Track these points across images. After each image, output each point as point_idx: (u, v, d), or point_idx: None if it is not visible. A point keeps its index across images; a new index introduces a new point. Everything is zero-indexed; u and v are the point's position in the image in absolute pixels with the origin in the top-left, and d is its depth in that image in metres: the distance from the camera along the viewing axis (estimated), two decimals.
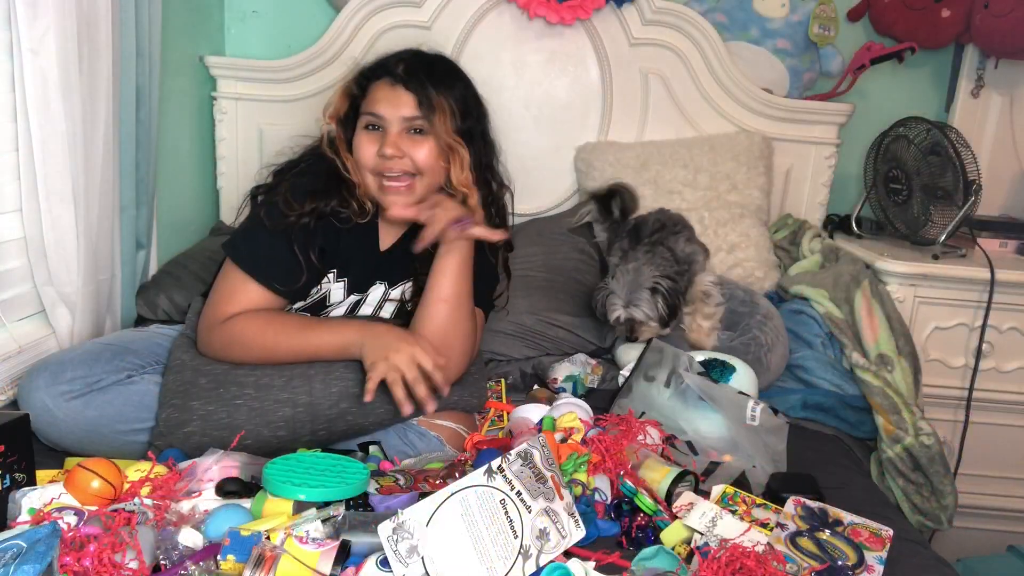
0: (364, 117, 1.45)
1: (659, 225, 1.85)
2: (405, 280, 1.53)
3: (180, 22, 2.05)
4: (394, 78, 1.45)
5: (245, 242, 1.44)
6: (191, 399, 1.31)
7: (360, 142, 1.45)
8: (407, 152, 1.42)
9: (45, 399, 1.28)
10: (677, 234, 1.84)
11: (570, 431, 1.28)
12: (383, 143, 1.41)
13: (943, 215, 2.00)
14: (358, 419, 1.35)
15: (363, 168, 1.44)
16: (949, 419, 2.00)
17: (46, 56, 1.36)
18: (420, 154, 1.42)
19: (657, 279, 1.69)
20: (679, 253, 1.79)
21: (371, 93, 1.46)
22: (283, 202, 1.41)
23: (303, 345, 1.36)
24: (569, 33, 2.20)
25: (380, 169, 1.43)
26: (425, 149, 1.42)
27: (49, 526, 0.89)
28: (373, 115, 1.44)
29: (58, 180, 1.43)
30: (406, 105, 1.42)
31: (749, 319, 1.81)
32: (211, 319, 1.40)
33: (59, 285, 1.50)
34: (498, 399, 1.61)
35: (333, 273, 1.49)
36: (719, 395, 1.44)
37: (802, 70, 2.28)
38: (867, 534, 1.13)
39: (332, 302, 1.51)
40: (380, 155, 1.41)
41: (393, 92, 1.44)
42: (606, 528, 1.15)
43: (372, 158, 1.43)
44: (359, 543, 0.98)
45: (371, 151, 1.43)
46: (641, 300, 1.68)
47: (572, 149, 2.27)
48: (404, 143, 1.42)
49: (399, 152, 1.41)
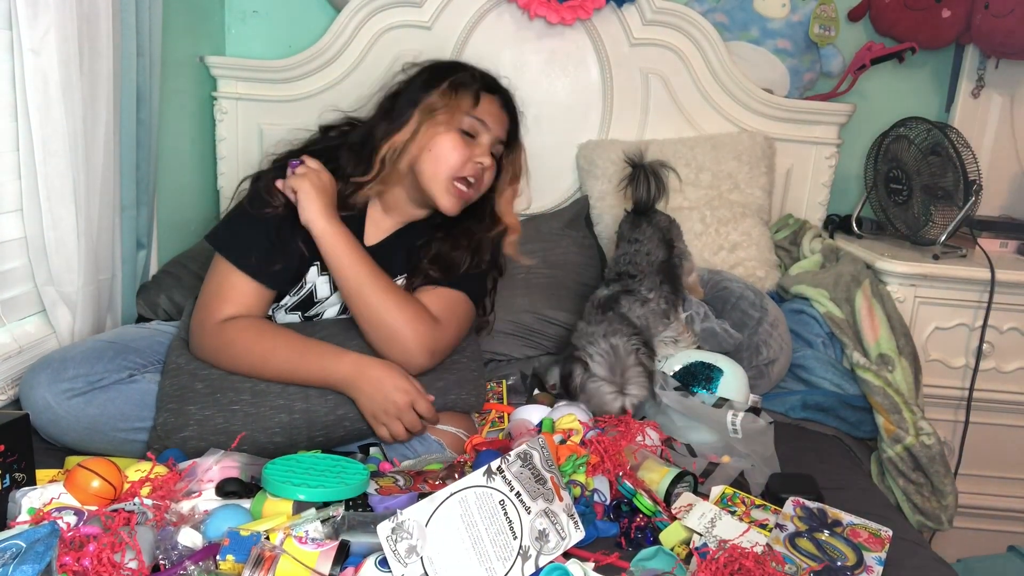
0: (468, 121, 1.48)
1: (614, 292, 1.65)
2: (392, 277, 1.50)
3: (181, 22, 2.05)
4: (504, 100, 1.55)
5: (227, 230, 1.44)
6: (187, 403, 1.31)
7: (455, 142, 1.46)
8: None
9: (47, 396, 1.28)
10: (630, 292, 1.63)
11: (569, 432, 1.28)
12: (475, 151, 1.47)
13: (943, 215, 2.00)
14: (356, 425, 1.35)
15: (444, 164, 1.46)
16: (949, 419, 1.99)
17: (47, 56, 1.36)
18: (489, 174, 1.52)
19: (636, 347, 1.49)
20: (633, 319, 1.59)
21: (483, 104, 1.50)
22: (265, 190, 1.42)
23: (291, 371, 1.34)
24: (569, 33, 2.20)
25: (469, 174, 1.47)
26: (493, 171, 1.52)
27: (48, 526, 0.89)
28: (482, 123, 1.49)
29: (59, 180, 1.43)
30: (504, 126, 1.53)
31: (757, 325, 1.79)
32: (202, 318, 1.40)
33: (60, 285, 1.50)
34: (499, 401, 1.61)
35: (316, 266, 1.47)
36: (698, 410, 1.42)
37: (803, 70, 2.28)
38: (866, 534, 1.13)
39: (319, 298, 1.50)
40: (476, 162, 1.47)
41: (500, 111, 1.53)
42: (605, 529, 1.15)
43: (465, 162, 1.46)
44: (358, 543, 0.99)
45: (465, 155, 1.46)
46: (631, 381, 1.46)
47: (572, 149, 2.27)
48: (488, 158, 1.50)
49: (488, 162, 1.49)
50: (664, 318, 1.63)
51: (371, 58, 2.20)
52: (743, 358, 1.71)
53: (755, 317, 1.80)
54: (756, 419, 1.38)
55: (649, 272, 1.65)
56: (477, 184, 1.49)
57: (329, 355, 1.35)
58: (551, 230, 2.09)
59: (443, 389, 1.41)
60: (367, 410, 1.32)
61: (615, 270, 1.70)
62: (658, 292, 1.63)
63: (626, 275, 1.66)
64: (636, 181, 1.77)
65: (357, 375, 1.33)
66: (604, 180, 2.15)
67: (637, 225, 1.75)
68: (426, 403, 1.34)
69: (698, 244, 2.07)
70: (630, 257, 1.69)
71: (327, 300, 1.50)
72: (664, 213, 1.81)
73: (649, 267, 1.66)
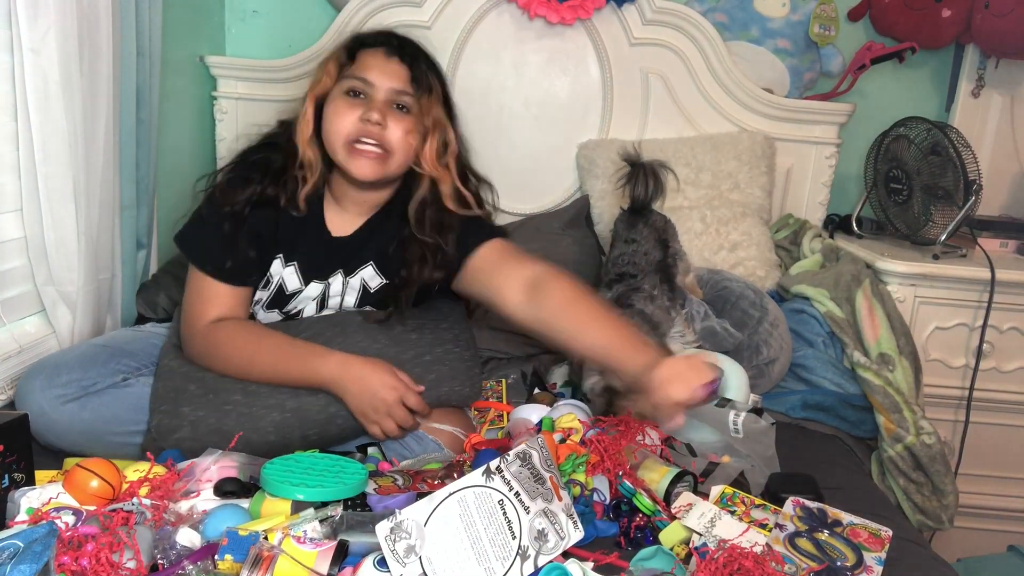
0: (347, 82, 1.36)
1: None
2: (361, 266, 1.46)
3: (181, 22, 2.05)
4: (389, 49, 1.38)
5: (190, 232, 1.44)
6: (181, 405, 1.31)
7: (338, 107, 1.35)
8: (388, 125, 1.35)
9: (41, 402, 1.28)
10: (637, 290, 1.63)
11: (568, 432, 1.28)
12: (367, 109, 1.33)
13: (943, 215, 2.00)
14: (348, 423, 1.34)
15: (337, 136, 1.35)
16: (949, 419, 1.99)
17: (47, 55, 1.36)
18: (397, 132, 1.35)
19: (660, 344, 1.48)
20: (649, 316, 1.61)
21: (360, 60, 1.38)
22: (220, 191, 1.41)
23: (278, 373, 1.33)
24: (569, 33, 2.20)
25: (358, 135, 1.34)
26: (403, 127, 1.36)
27: (46, 526, 0.89)
28: (362, 80, 1.35)
29: (59, 179, 1.43)
30: (398, 77, 1.36)
31: (758, 325, 1.78)
32: (189, 322, 1.39)
33: (60, 284, 1.50)
34: (499, 400, 1.61)
35: (280, 259, 1.44)
36: (700, 409, 1.41)
37: (803, 70, 2.28)
38: (866, 534, 1.12)
39: (291, 290, 1.45)
40: (363, 119, 1.33)
41: (387, 62, 1.37)
42: (604, 528, 1.15)
43: (352, 123, 1.33)
44: (357, 543, 0.98)
45: (351, 116, 1.33)
46: None
47: (572, 149, 2.27)
48: (388, 116, 1.35)
49: (384, 121, 1.34)
50: (668, 315, 1.63)
51: None
52: (743, 357, 1.71)
53: (755, 316, 1.80)
54: (758, 420, 1.38)
55: (648, 271, 1.65)
56: (383, 143, 1.35)
57: (314, 356, 1.33)
58: (551, 229, 2.09)
59: (435, 382, 1.38)
60: (356, 409, 1.31)
61: (614, 271, 1.69)
62: (660, 290, 1.63)
63: (627, 275, 1.66)
64: (635, 179, 1.75)
65: (342, 374, 1.31)
66: (604, 179, 2.15)
67: (633, 224, 1.74)
68: (416, 397, 1.32)
69: (698, 244, 2.07)
70: (628, 257, 1.69)
71: (301, 294, 1.46)
72: (660, 213, 1.80)
73: (648, 267, 1.66)
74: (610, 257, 1.77)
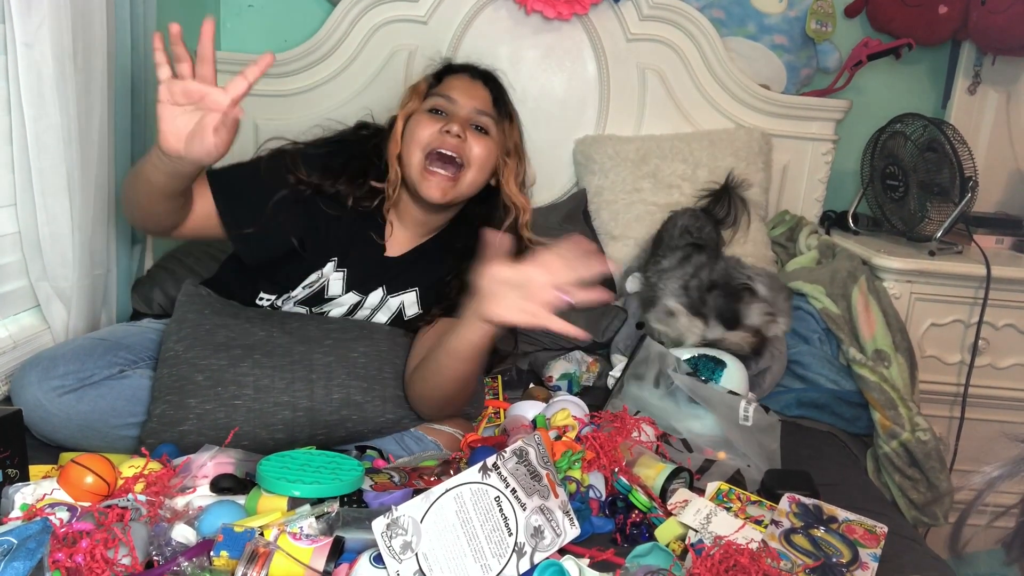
0: (431, 100, 1.44)
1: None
2: (405, 290, 1.50)
3: (175, 16, 2.03)
4: (474, 73, 1.49)
5: (230, 168, 1.42)
6: (188, 396, 1.29)
7: (420, 120, 1.42)
8: (468, 140, 1.41)
9: (37, 394, 1.28)
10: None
11: (564, 428, 1.27)
12: (448, 122, 1.40)
13: (939, 211, 2.00)
14: (358, 426, 1.34)
15: (415, 145, 1.40)
16: (945, 415, 2.00)
17: (40, 49, 1.35)
18: (477, 147, 1.41)
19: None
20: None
21: (446, 82, 1.46)
22: (291, 160, 1.41)
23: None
24: (566, 28, 2.20)
25: (436, 146, 1.39)
26: (484, 145, 1.42)
27: (40, 522, 0.89)
28: (446, 98, 1.43)
29: (53, 174, 1.42)
30: (481, 99, 1.45)
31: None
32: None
33: (54, 280, 1.49)
34: (494, 396, 1.60)
35: (333, 262, 1.46)
36: (710, 395, 1.43)
37: (799, 66, 2.27)
38: (861, 531, 1.13)
39: (331, 295, 1.48)
40: (443, 131, 1.39)
41: (471, 84, 1.47)
42: (600, 525, 1.15)
43: (432, 134, 1.39)
44: (353, 540, 0.98)
45: (432, 128, 1.40)
46: (782, 313, 1.72)
47: (569, 144, 2.26)
48: (468, 132, 1.41)
49: (463, 134, 1.39)
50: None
51: (367, 53, 2.19)
52: None
53: None
54: (764, 414, 1.40)
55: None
56: (463, 157, 1.40)
57: None
58: (549, 224, 2.09)
59: None
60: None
61: (680, 241, 1.90)
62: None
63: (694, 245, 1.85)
64: (720, 198, 2.04)
65: None
66: (601, 175, 2.15)
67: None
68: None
69: None
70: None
71: (337, 299, 1.49)
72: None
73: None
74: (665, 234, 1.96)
